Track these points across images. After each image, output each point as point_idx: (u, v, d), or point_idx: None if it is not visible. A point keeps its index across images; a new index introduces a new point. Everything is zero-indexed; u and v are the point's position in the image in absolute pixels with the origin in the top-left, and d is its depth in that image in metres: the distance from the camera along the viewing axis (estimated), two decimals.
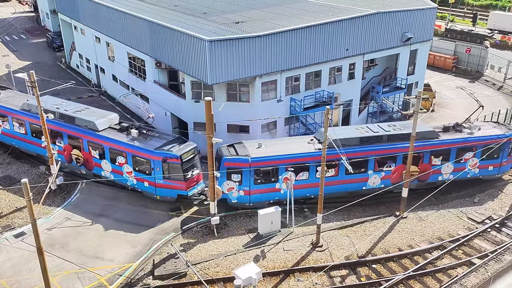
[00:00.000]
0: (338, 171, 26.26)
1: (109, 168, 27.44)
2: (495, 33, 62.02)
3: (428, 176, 27.65)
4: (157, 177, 25.77)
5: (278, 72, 30.13)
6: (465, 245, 23.49)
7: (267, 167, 25.22)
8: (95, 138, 27.26)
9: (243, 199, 25.73)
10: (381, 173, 26.93)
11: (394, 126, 27.80)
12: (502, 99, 42.69)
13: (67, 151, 28.72)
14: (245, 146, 25.94)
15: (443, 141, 27.15)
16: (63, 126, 28.28)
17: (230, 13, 34.13)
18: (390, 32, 34.55)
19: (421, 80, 39.74)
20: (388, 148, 26.37)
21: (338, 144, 23.15)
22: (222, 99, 29.86)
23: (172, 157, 25.26)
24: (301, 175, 25.71)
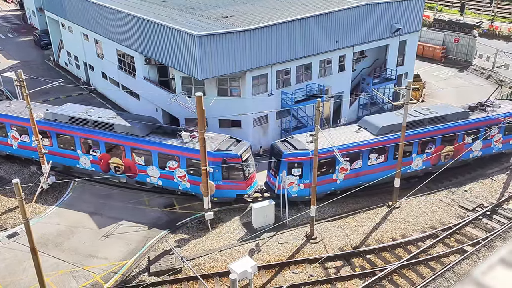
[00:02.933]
0: (387, 157, 26.88)
1: (157, 174, 26.37)
2: (483, 22, 62.40)
3: (461, 154, 28.64)
4: (216, 179, 25.15)
5: (269, 66, 30.11)
6: (457, 233, 23.77)
7: (326, 159, 25.21)
8: (141, 144, 26.15)
9: (303, 192, 25.66)
10: (423, 155, 27.77)
11: (429, 110, 28.70)
12: (490, 87, 43.03)
13: (104, 160, 27.40)
14: (298, 140, 25.92)
15: (473, 120, 28.33)
16: (99, 134, 26.93)
17: (218, 7, 33.98)
18: (379, 24, 34.64)
19: (411, 71, 39.94)
20: (429, 131, 27.37)
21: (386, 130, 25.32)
22: (213, 94, 29.80)
23: (232, 157, 24.87)
24: (355, 163, 26.13)
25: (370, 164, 26.47)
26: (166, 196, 27.24)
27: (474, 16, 70.11)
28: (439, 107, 29.44)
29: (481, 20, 64.42)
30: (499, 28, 61.49)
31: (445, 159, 28.41)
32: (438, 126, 27.52)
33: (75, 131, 27.59)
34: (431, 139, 27.55)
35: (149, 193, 27.48)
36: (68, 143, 28.13)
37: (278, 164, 25.06)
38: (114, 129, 26.79)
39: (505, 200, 26.22)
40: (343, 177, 26.19)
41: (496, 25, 62.58)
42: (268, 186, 26.88)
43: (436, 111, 28.43)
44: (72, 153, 28.22)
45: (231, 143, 25.82)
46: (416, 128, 27.05)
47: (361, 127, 27.36)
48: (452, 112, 28.12)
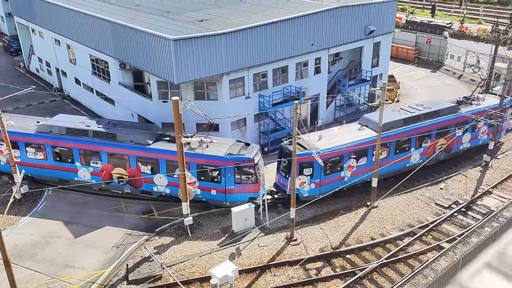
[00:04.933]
0: (389, 153, 27.66)
1: (165, 182, 25.85)
2: (453, 23, 63.94)
3: (453, 147, 30.16)
4: (228, 183, 24.91)
5: (245, 69, 30.09)
6: (434, 230, 24.17)
7: (335, 157, 25.96)
8: (147, 153, 25.52)
9: (313, 191, 26.03)
10: (420, 149, 28.72)
11: (423, 106, 29.74)
12: (462, 87, 44.11)
13: (106, 171, 26.61)
14: (306, 140, 25.98)
15: (463, 114, 29.36)
16: (100, 144, 26.07)
17: (193, 11, 33.79)
18: (353, 26, 35.05)
19: (385, 72, 40.54)
20: (426, 126, 28.37)
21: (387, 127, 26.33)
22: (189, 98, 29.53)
23: (245, 160, 24.68)
24: (361, 160, 26.75)
25: (374, 160, 26.92)
26: (144, 202, 26.85)
27: (445, 18, 71.77)
28: (432, 103, 30.48)
29: (451, 21, 65.98)
30: (469, 29, 63.09)
31: (439, 152, 29.58)
32: (433, 121, 28.62)
33: (73, 143, 26.62)
34: (427, 133, 28.56)
35: (126, 199, 27.03)
36: (65, 155, 27.19)
37: (289, 165, 25.11)
38: (117, 139, 26.04)
39: (479, 197, 26.82)
40: (350, 174, 26.80)
41: (466, 26, 64.19)
42: (278, 187, 27.04)
43: (429, 106, 29.51)
44: (69, 165, 27.22)
45: (241, 146, 25.69)
46: (414, 123, 28.13)
47: (362, 125, 28.01)
48: (444, 107, 29.39)
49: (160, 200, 26.79)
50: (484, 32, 61.15)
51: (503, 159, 31.20)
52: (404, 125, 27.86)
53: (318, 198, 25.41)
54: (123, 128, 26.76)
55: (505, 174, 29.06)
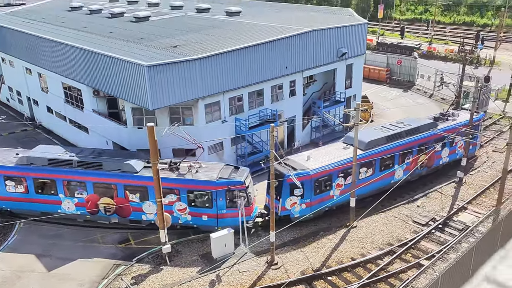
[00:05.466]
0: (374, 170, 28.08)
1: (154, 209, 24.94)
2: (422, 44, 66.04)
3: (433, 162, 30.86)
4: (220, 208, 24.66)
5: (221, 93, 30.18)
6: (413, 248, 24.29)
7: (324, 177, 26.23)
8: (135, 181, 25.02)
9: (305, 211, 26.15)
10: (403, 165, 29.31)
11: (403, 123, 30.55)
12: (433, 105, 45.23)
13: (91, 202, 25.98)
14: (295, 161, 26.56)
15: (441, 129, 30.22)
16: (86, 174, 25.54)
17: (167, 37, 33.91)
18: (326, 49, 35.76)
19: (359, 93, 41.29)
20: (407, 142, 29.14)
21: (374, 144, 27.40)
22: (165, 124, 29.36)
23: (236, 184, 24.58)
24: (349, 179, 26.77)
25: (361, 178, 27.60)
26: (121, 231, 26.21)
27: (414, 39, 74.13)
28: (411, 120, 31.36)
29: (420, 42, 68.16)
30: (437, 49, 65.29)
31: (421, 167, 30.29)
32: (414, 137, 29.41)
33: (56, 174, 25.88)
34: (409, 150, 29.23)
35: (102, 229, 26.34)
36: (48, 187, 26.39)
37: (280, 186, 25.06)
38: (104, 168, 25.52)
39: (455, 213, 27.20)
40: (339, 192, 27.07)
41: (434, 47, 66.42)
42: (269, 209, 26.53)
43: (409, 123, 30.35)
44: (53, 198, 26.40)
45: (231, 170, 25.64)
46: (396, 140, 28.80)
47: (348, 144, 28.42)
48: (423, 124, 30.33)
49: (138, 228, 26.21)
50: (452, 52, 63.35)
51: (476, 175, 31.87)
52: (387, 143, 28.53)
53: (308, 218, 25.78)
54: (109, 156, 26.33)
55: (479, 190, 29.63)
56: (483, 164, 33.40)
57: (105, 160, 25.73)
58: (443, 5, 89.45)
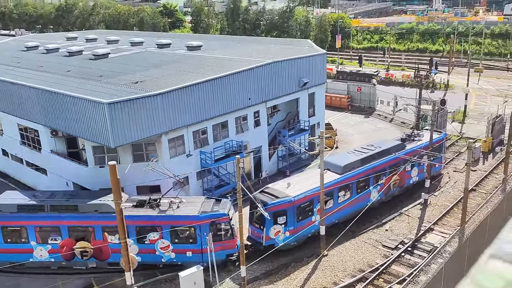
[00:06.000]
0: (352, 193, 28.50)
1: (135, 250, 24.19)
2: (379, 71, 68.38)
3: (405, 182, 31.71)
4: (205, 242, 23.91)
5: (184, 127, 29.91)
6: (384, 273, 24.24)
7: (306, 203, 26.24)
8: (114, 221, 23.45)
9: (288, 239, 25.82)
10: (377, 186, 29.79)
11: (373, 146, 31.36)
12: (394, 129, 46.41)
13: (66, 247, 24.65)
14: (276, 189, 26.52)
15: (409, 149, 31.46)
16: (60, 218, 24.37)
17: (127, 74, 33.61)
18: (288, 79, 36.34)
19: (322, 120, 41.93)
20: (380, 164, 29.79)
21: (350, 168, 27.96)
22: (128, 161, 28.68)
23: (220, 216, 24.08)
24: (329, 203, 27.13)
25: (340, 201, 28.00)
26: (85, 276, 24.96)
27: (371, 67, 76.73)
28: (381, 142, 32.37)
29: (377, 69, 70.55)
30: (394, 75, 67.71)
31: (394, 187, 31.03)
32: (386, 159, 30.10)
33: (27, 220, 24.48)
34: (382, 171, 29.82)
35: (63, 275, 25.01)
36: (17, 235, 24.91)
37: (263, 215, 24.72)
38: (79, 210, 24.46)
39: (422, 234, 27.50)
40: (320, 217, 26.78)
41: (392, 73, 68.86)
42: (252, 239, 26.48)
43: (379, 146, 31.21)
44: (23, 246, 24.87)
45: (212, 203, 25.28)
46: (370, 162, 29.37)
47: (324, 169, 28.22)
48: (393, 145, 31.28)
49: (102, 272, 25.01)
50: (408, 77, 65.79)
51: (439, 196, 32.54)
52: (362, 165, 29.09)
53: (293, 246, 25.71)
54: (83, 198, 25.33)
55: (443, 210, 30.19)
56: (445, 184, 34.21)
57: (80, 202, 24.76)
58: (397, 33, 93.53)
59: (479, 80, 64.42)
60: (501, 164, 36.30)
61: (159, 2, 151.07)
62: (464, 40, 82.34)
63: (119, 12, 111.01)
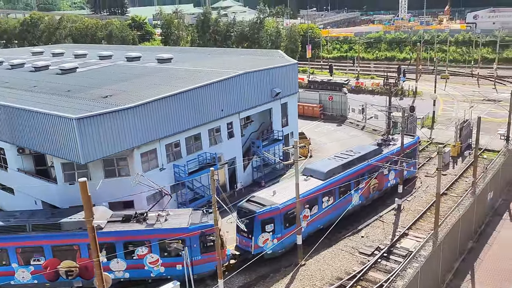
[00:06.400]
0: (335, 198, 28.93)
1: (123, 266, 23.70)
2: (350, 80, 69.51)
3: (383, 185, 32.56)
4: (195, 254, 23.73)
5: (157, 141, 29.49)
6: (362, 280, 24.32)
7: (292, 210, 26.25)
8: (101, 238, 22.77)
9: (277, 247, 26.06)
10: (358, 191, 30.41)
11: (352, 151, 32.12)
12: (366, 137, 47.07)
13: (50, 267, 23.88)
14: (262, 197, 26.74)
15: (386, 154, 32.40)
16: (43, 238, 23.66)
17: (96, 88, 32.98)
18: (260, 90, 36.43)
19: (295, 130, 42.14)
20: (361, 168, 30.49)
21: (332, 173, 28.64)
22: (99, 177, 27.99)
23: (209, 227, 23.78)
24: (314, 209, 27.66)
25: (324, 206, 28.40)
26: None
27: (342, 75, 77.96)
28: (359, 148, 33.28)
29: (348, 78, 71.71)
30: (364, 84, 68.97)
31: (373, 191, 31.81)
32: (365, 163, 30.77)
33: (8, 242, 23.55)
34: (362, 176, 30.45)
35: None
36: None
37: (251, 224, 25.09)
38: (63, 228, 23.72)
39: (397, 240, 27.80)
40: (306, 224, 27.35)
41: (362, 82, 70.12)
42: (240, 249, 26.40)
43: (358, 151, 31.96)
44: (4, 269, 23.87)
45: (200, 214, 25.15)
46: (351, 167, 30.02)
47: (307, 176, 29.09)
48: (370, 150, 32.16)
49: None
50: (378, 85, 67.11)
51: (412, 200, 33.06)
52: (343, 171, 29.69)
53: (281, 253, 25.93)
54: (66, 216, 24.59)
55: (417, 215, 30.65)
56: (418, 189, 34.80)
57: (64, 220, 24.05)
58: (365, 43, 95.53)
59: (445, 86, 66.30)
60: (470, 168, 37.27)
61: (128, 15, 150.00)
62: (430, 48, 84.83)
63: (87, 26, 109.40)
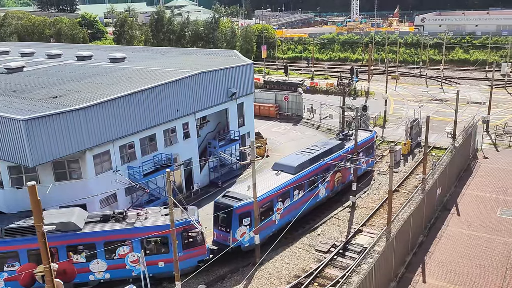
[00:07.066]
0: (304, 191, 29.96)
1: (104, 266, 23.11)
2: (305, 80, 70.58)
3: (346, 178, 33.87)
4: (177, 251, 22.59)
5: (110, 142, 28.69)
6: (319, 277, 24.76)
7: (267, 203, 27.23)
8: (80, 239, 23.18)
9: (253, 240, 26.22)
10: (324, 184, 31.71)
11: (317, 146, 33.35)
12: (322, 136, 47.96)
13: (25, 273, 22.87)
14: (237, 192, 27.18)
15: (349, 148, 33.66)
16: (17, 242, 22.70)
17: (45, 88, 31.67)
18: (216, 89, 36.28)
19: (252, 130, 42.30)
20: (326, 162, 31.48)
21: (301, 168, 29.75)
22: (49, 181, 26.89)
23: (190, 223, 24.06)
24: (286, 202, 28.56)
25: (294, 199, 29.30)
26: None
27: (297, 76, 79.03)
28: (324, 143, 34.67)
29: (303, 78, 72.76)
30: (319, 84, 70.25)
31: (337, 184, 33.08)
32: (331, 157, 32.11)
33: None
34: (328, 169, 31.66)
35: None
36: None
37: (229, 218, 25.69)
38: None
39: (352, 236, 28.52)
40: (279, 216, 28.36)
41: (316, 82, 71.39)
42: (218, 243, 26.51)
43: (323, 146, 33.30)
44: None
45: (180, 211, 24.93)
46: (317, 161, 31.05)
47: (278, 171, 29.73)
48: (335, 144, 33.63)
49: None
50: (332, 86, 68.56)
51: (366, 198, 34.03)
52: (311, 165, 30.67)
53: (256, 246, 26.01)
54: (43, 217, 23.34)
55: (370, 211, 31.58)
56: (371, 187, 35.87)
57: None
58: (319, 43, 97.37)
59: (396, 86, 68.77)
60: (420, 165, 38.83)
61: (78, 13, 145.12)
62: (381, 49, 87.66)
63: (34, 23, 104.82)
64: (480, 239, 27.54)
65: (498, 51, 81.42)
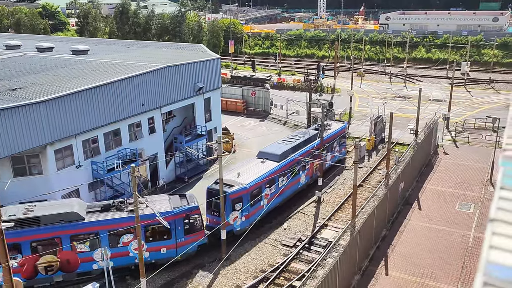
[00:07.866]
0: (287, 178, 31.15)
1: (107, 255, 22.02)
2: (272, 76, 70.87)
3: (323, 165, 34.69)
4: (179, 237, 24.60)
5: (72, 137, 27.90)
6: (285, 271, 24.98)
7: (257, 189, 28.41)
8: (84, 228, 23.15)
9: (244, 224, 27.77)
10: (305, 171, 33.32)
11: (297, 136, 34.91)
12: (288, 131, 48.27)
13: (27, 265, 22.62)
14: (229, 179, 27.80)
15: (326, 137, 34.48)
16: (20, 234, 22.22)
17: (3, 80, 30.44)
18: (182, 84, 35.85)
19: (219, 125, 42.10)
20: (306, 151, 33.09)
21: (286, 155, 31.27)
22: (7, 176, 25.89)
23: (193, 209, 25.16)
24: (272, 188, 29.79)
25: (280, 186, 30.45)
26: None
27: (264, 71, 79.19)
28: (302, 132, 36.19)
29: (270, 74, 73.00)
30: (286, 80, 70.62)
31: (315, 171, 34.52)
32: (310, 145, 33.77)
33: None
34: (308, 157, 32.77)
35: None
36: None
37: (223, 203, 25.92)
38: (43, 222, 22.34)
39: (318, 231, 28.92)
40: (267, 201, 29.57)
41: (283, 78, 71.74)
42: (211, 228, 26.85)
43: (302, 135, 34.95)
44: None
45: (179, 198, 26.00)
46: (299, 150, 32.71)
47: (263, 159, 31.08)
48: (313, 134, 34.90)
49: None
50: (299, 82, 69.07)
51: (331, 193, 34.56)
52: (293, 153, 32.10)
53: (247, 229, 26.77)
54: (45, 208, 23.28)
55: (335, 206, 32.10)
56: (336, 182, 36.45)
57: (42, 214, 22.81)
58: (286, 39, 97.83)
59: (361, 83, 70.03)
60: (383, 160, 39.74)
61: (38, 3, 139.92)
62: (347, 46, 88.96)
63: None
64: (440, 232, 28.51)
65: (458, 50, 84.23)
